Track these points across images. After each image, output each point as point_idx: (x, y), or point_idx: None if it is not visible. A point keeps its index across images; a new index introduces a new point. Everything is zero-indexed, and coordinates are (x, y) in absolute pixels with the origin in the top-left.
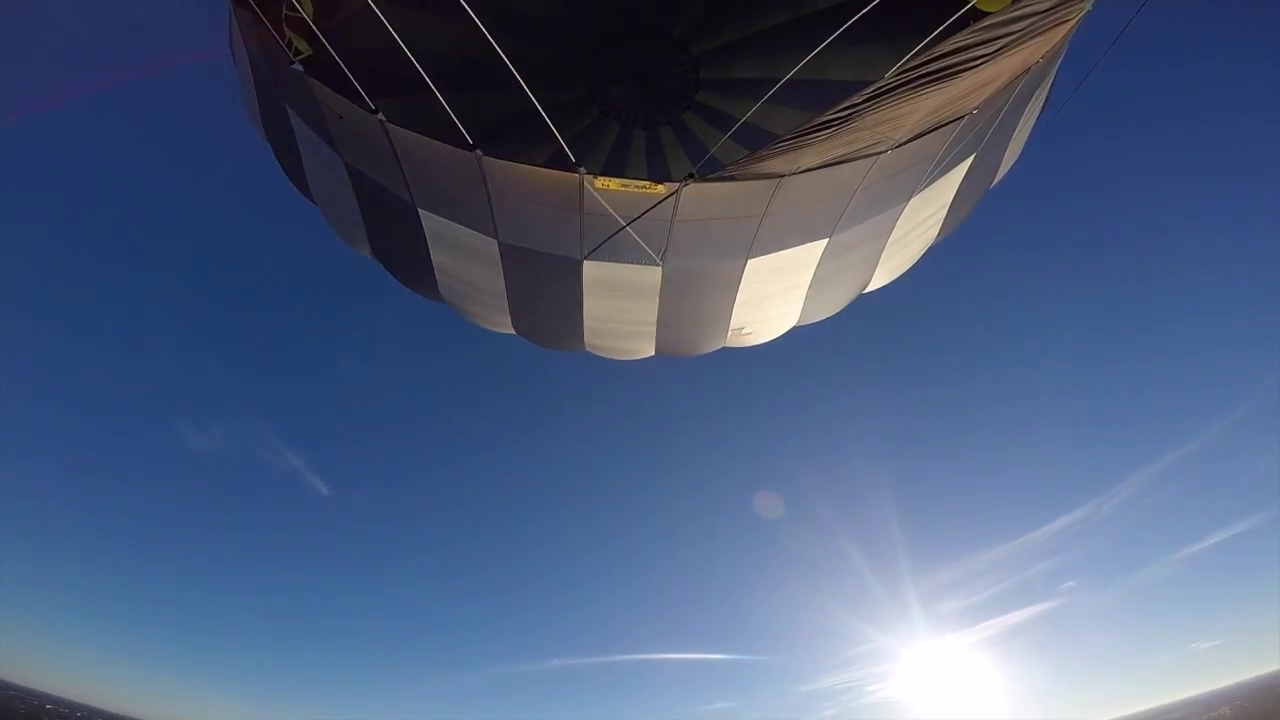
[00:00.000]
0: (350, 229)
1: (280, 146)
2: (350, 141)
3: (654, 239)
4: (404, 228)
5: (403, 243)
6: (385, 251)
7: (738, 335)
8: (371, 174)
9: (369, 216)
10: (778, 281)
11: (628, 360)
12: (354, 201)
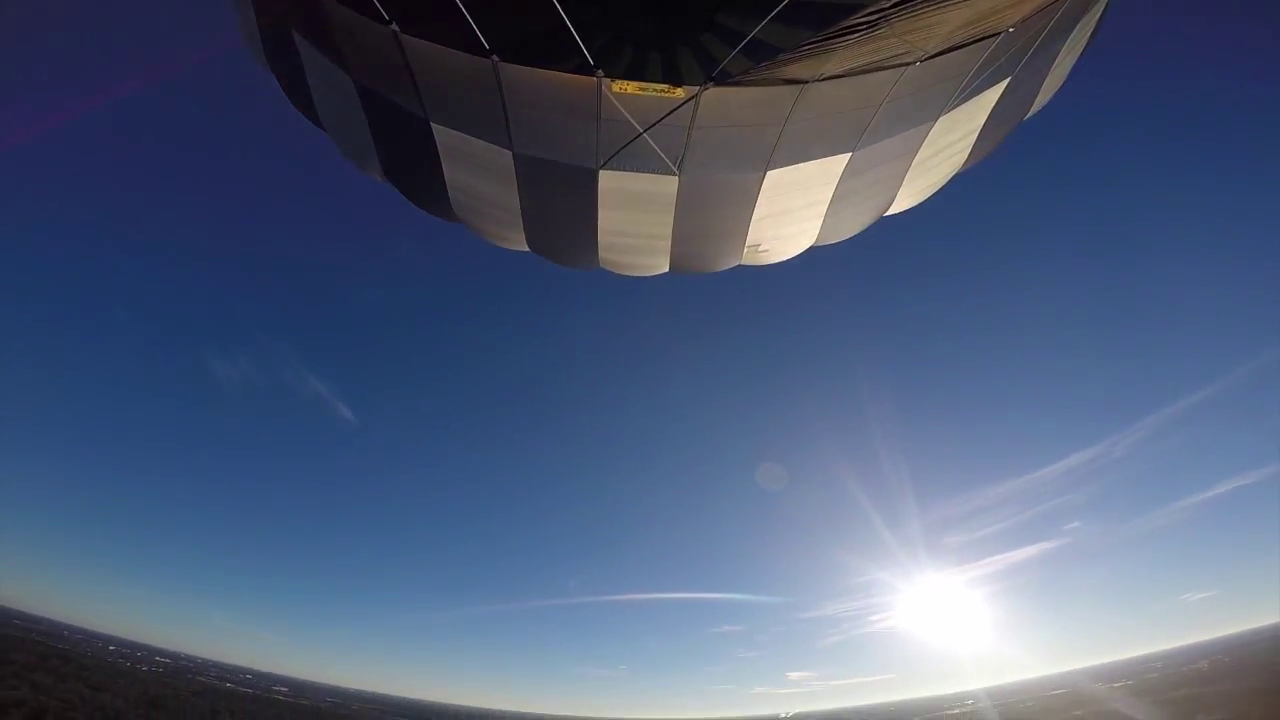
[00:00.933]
0: (361, 152)
1: (285, 74)
2: (361, 59)
3: (671, 147)
4: (416, 145)
5: (415, 161)
6: (397, 172)
7: (754, 253)
8: (383, 92)
9: (380, 137)
10: (797, 197)
11: (642, 276)
12: (365, 123)
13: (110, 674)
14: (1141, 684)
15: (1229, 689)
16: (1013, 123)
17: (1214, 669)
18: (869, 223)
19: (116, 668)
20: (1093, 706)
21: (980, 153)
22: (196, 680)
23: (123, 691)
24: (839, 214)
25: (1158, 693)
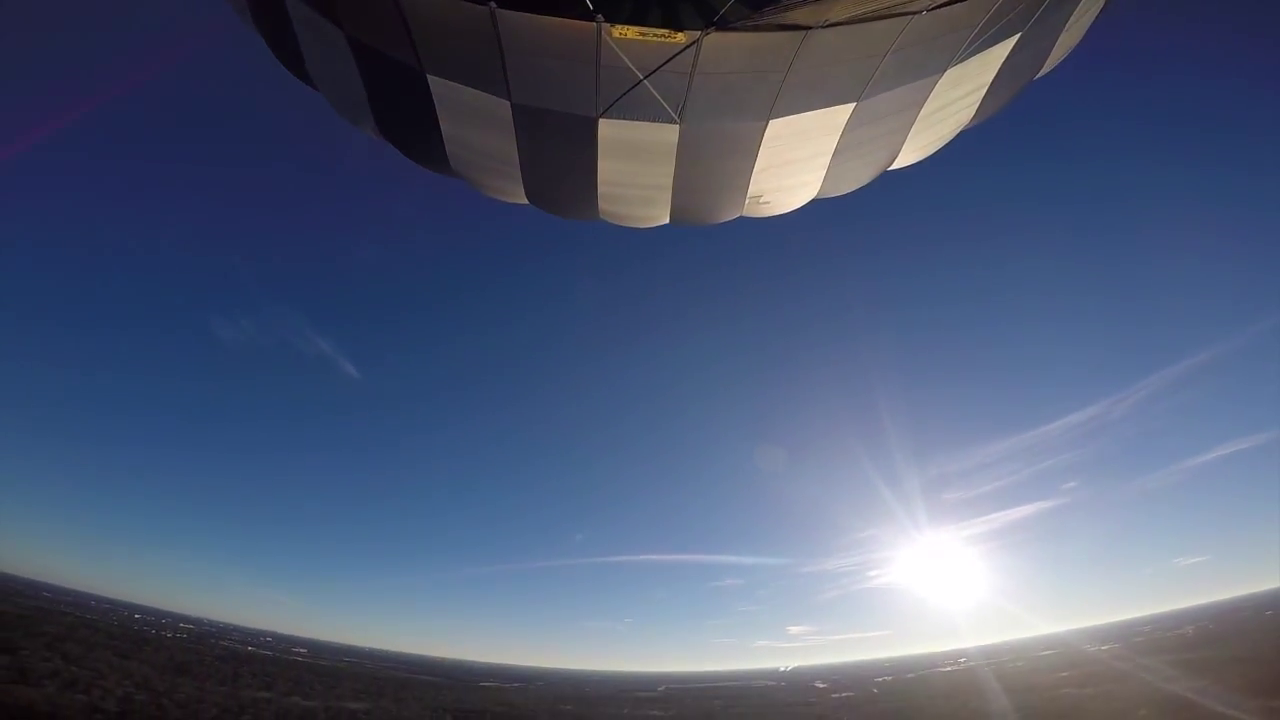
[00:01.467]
0: (355, 108)
1: (273, 31)
2: (353, 12)
3: (672, 94)
4: (411, 98)
5: (410, 115)
6: (392, 126)
7: (755, 204)
8: (376, 44)
9: (374, 91)
10: (800, 148)
11: (643, 228)
12: (358, 78)
13: (137, 642)
14: (1128, 647)
15: (1211, 656)
16: (1022, 81)
17: (1198, 635)
18: (873, 176)
19: (143, 636)
20: (1080, 668)
21: (988, 110)
22: (219, 645)
23: (149, 659)
24: (842, 166)
25: (1142, 656)
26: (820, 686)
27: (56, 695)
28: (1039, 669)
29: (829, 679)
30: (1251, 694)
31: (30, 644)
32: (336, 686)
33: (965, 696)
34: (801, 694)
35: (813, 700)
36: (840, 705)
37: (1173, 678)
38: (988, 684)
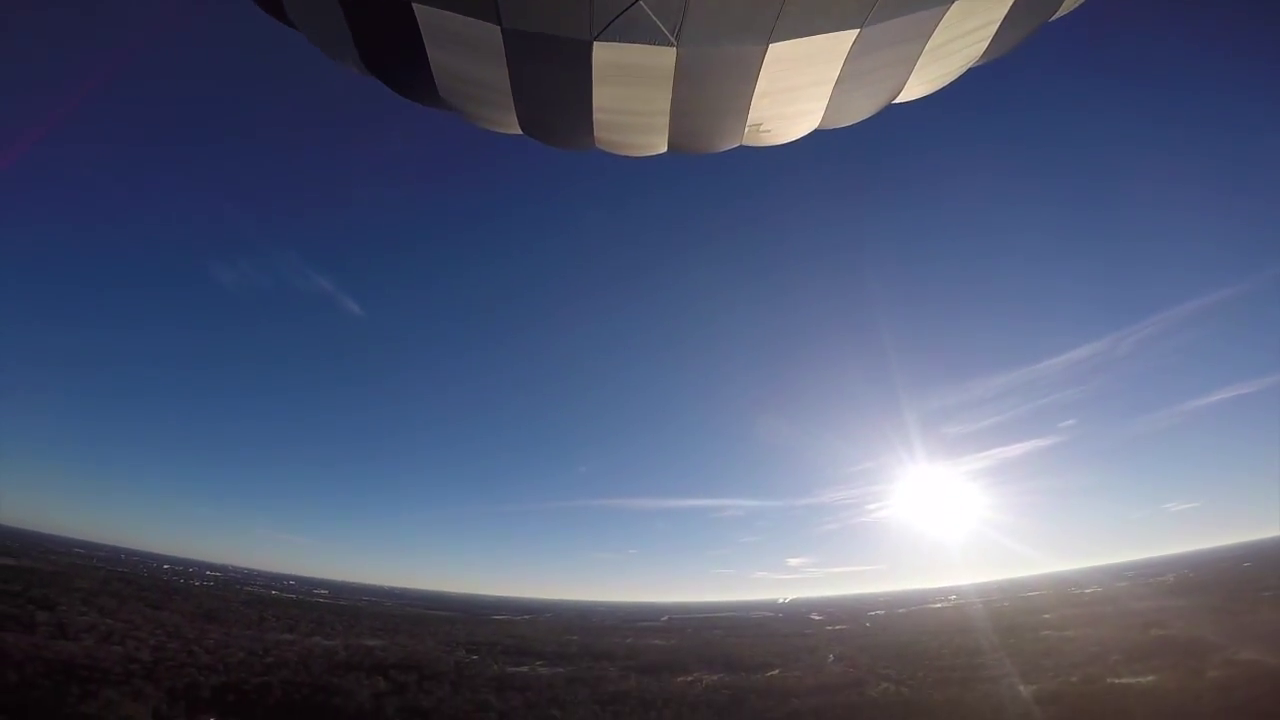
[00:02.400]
0: (337, 44)
1: None
2: None
3: (669, 14)
4: (396, 29)
5: (396, 47)
6: (377, 59)
7: (755, 132)
8: None
9: (357, 25)
10: (801, 74)
11: (641, 157)
12: (339, 11)
13: (167, 592)
14: (1109, 592)
15: (1187, 605)
16: (1036, 21)
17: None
18: (877, 108)
19: (172, 585)
20: (1063, 610)
21: (1000, 47)
22: (244, 590)
23: (179, 607)
24: (845, 96)
25: (1121, 601)
26: (816, 619)
27: (95, 648)
28: (1024, 609)
29: (825, 611)
30: (1218, 645)
31: (67, 599)
32: (356, 625)
33: (951, 634)
34: (798, 625)
35: (808, 632)
36: (833, 638)
37: (1148, 625)
38: (974, 622)
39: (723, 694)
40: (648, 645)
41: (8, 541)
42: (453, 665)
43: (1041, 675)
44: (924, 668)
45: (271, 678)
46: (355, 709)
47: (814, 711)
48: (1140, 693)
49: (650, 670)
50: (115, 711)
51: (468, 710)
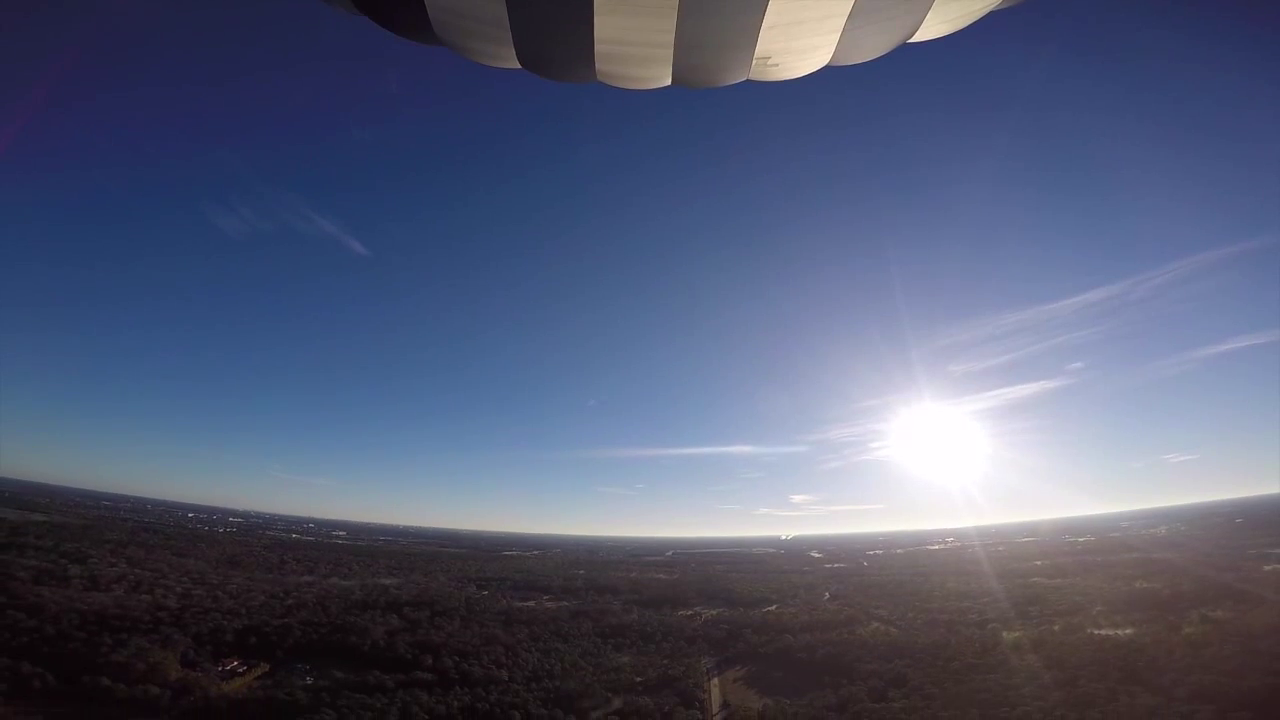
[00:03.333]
0: None
1: None
2: None
3: None
4: None
5: None
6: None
7: (763, 66)
8: None
9: None
10: (812, 7)
11: (643, 90)
12: None
13: (191, 540)
14: (1102, 541)
15: (1172, 558)
16: None
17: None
18: (891, 46)
19: (196, 533)
20: (1054, 558)
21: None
22: (266, 535)
23: (203, 554)
24: (858, 31)
25: (1111, 552)
26: (816, 556)
27: (125, 598)
28: (1018, 555)
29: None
30: (1198, 601)
31: (97, 551)
32: (372, 564)
33: (944, 576)
34: (798, 562)
35: (807, 569)
36: (831, 576)
37: (1134, 577)
38: (968, 565)
39: (720, 628)
40: (651, 580)
41: (38, 497)
42: (463, 601)
43: (1026, 622)
44: (914, 609)
45: (291, 619)
46: (370, 646)
47: (806, 648)
48: (1116, 645)
49: (652, 604)
50: (145, 659)
51: (476, 644)
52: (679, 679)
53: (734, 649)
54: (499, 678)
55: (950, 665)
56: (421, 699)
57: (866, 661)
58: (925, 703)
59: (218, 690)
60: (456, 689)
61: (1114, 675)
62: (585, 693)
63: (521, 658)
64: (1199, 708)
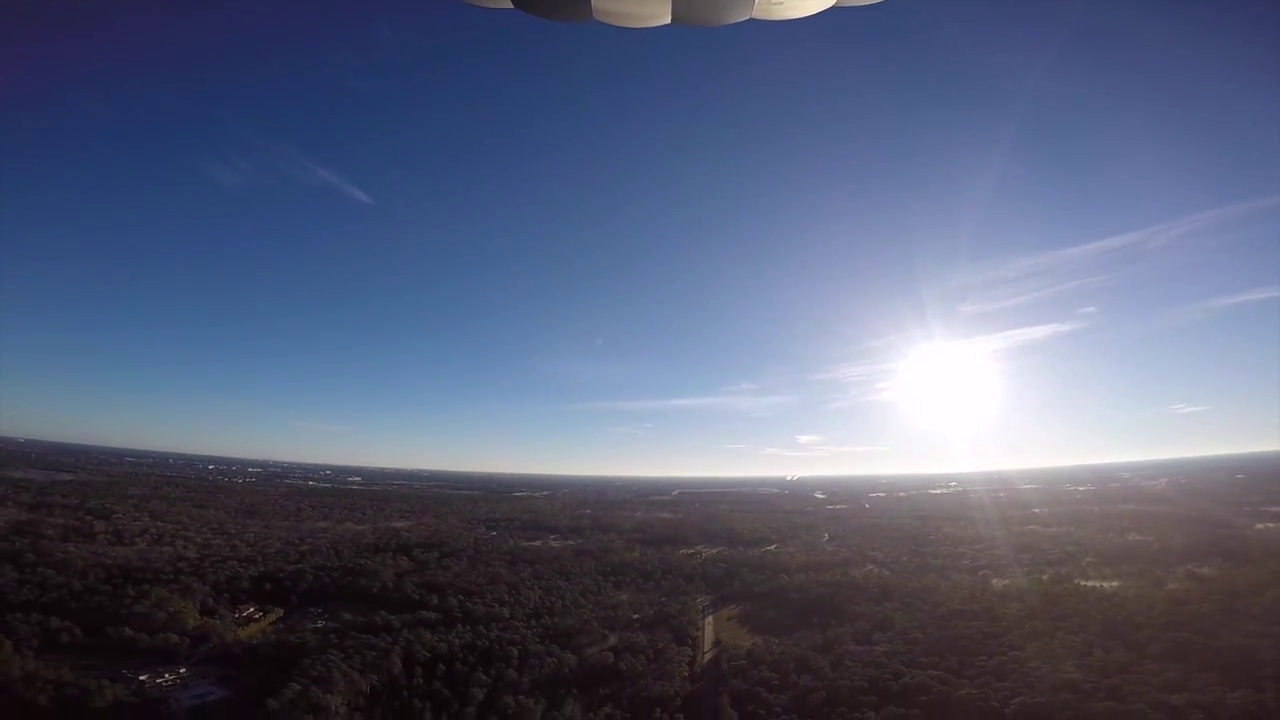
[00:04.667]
0: None
1: None
2: None
3: None
4: None
5: None
6: None
7: (767, 4)
8: None
9: None
10: None
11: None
12: None
13: (211, 491)
14: (1101, 491)
15: (1167, 512)
16: None
17: (1168, 489)
18: None
19: (216, 484)
20: (1053, 507)
21: None
22: (283, 484)
23: (222, 505)
24: None
25: (1109, 502)
26: (819, 497)
27: (147, 550)
28: (1018, 502)
29: (829, 491)
30: (1185, 557)
31: (121, 506)
32: (385, 508)
33: (942, 520)
34: (800, 503)
35: (809, 510)
36: (831, 517)
37: (1127, 529)
38: (967, 511)
39: (719, 567)
40: (655, 519)
41: (64, 457)
42: (471, 542)
43: (1015, 570)
44: (909, 552)
45: (305, 565)
46: (379, 588)
47: (799, 588)
48: (1100, 597)
49: (654, 542)
50: (165, 608)
51: (481, 583)
52: (674, 616)
53: (730, 588)
54: (500, 615)
55: (936, 611)
56: (425, 638)
57: (857, 603)
58: (907, 647)
59: (233, 636)
60: (459, 627)
61: (1093, 628)
62: (582, 629)
63: (524, 596)
64: (1169, 666)
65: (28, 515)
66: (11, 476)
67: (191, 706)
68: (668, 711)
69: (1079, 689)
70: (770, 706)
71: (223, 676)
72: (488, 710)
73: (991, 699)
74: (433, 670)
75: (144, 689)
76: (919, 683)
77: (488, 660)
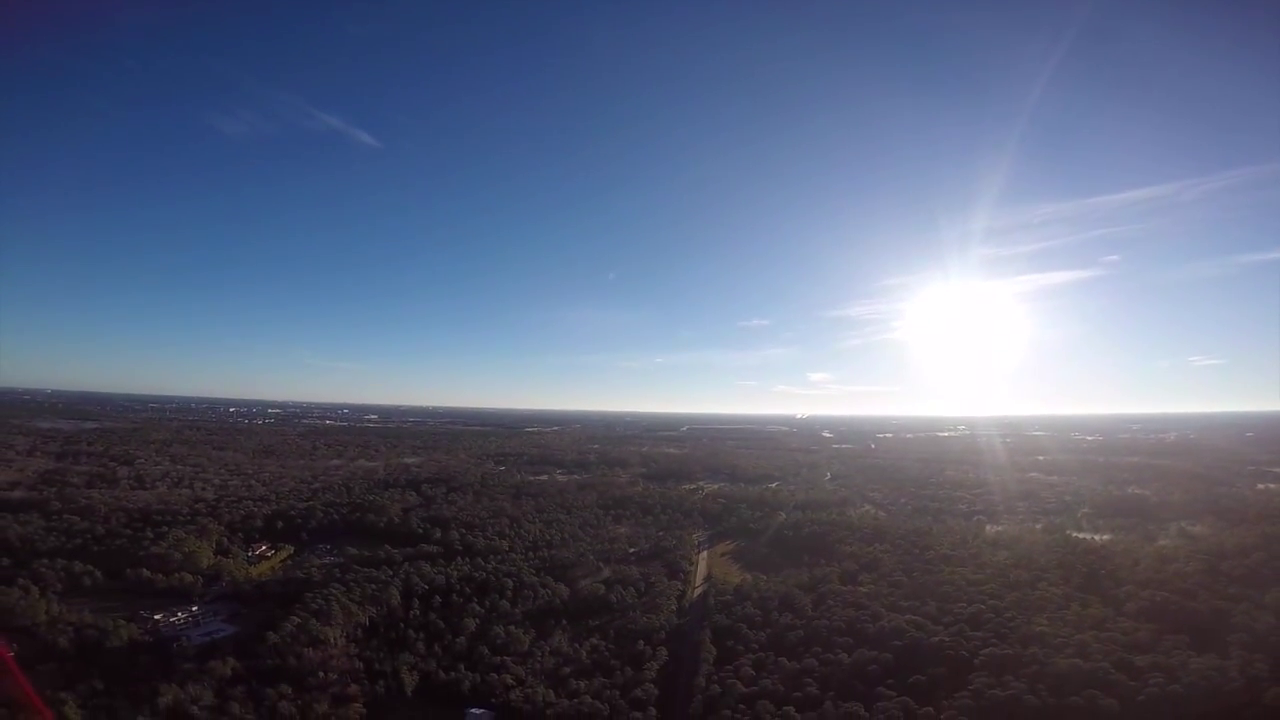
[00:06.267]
0: None
1: None
2: None
3: None
4: None
5: None
6: None
7: None
8: None
9: None
10: None
11: None
12: None
13: (231, 433)
14: (1109, 442)
15: (1171, 466)
16: None
17: (1176, 443)
18: None
19: (236, 426)
20: (1058, 455)
21: None
22: (301, 424)
23: (241, 446)
24: None
25: (1115, 454)
26: (827, 436)
27: (167, 494)
28: (1024, 448)
29: (837, 430)
30: (1180, 513)
31: (144, 452)
32: (398, 445)
33: (945, 464)
34: (807, 441)
35: (815, 449)
36: (836, 457)
37: (1127, 481)
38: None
39: (718, 502)
40: (661, 454)
41: (90, 406)
42: (479, 476)
43: (1011, 517)
44: (908, 494)
45: (316, 502)
46: (386, 523)
47: (794, 525)
48: (1088, 549)
49: (657, 477)
50: (180, 548)
51: (484, 517)
52: (670, 551)
53: (728, 523)
54: (499, 548)
55: (925, 554)
56: (424, 570)
57: (848, 543)
58: (890, 589)
59: (244, 575)
60: (458, 560)
61: (1076, 580)
62: (578, 562)
63: (524, 529)
64: (1142, 625)
65: (55, 464)
66: (40, 427)
67: (200, 644)
68: (651, 644)
69: (1048, 643)
70: (749, 643)
71: (233, 614)
72: (478, 640)
73: (962, 648)
74: (429, 602)
75: (158, 628)
76: (895, 627)
77: (483, 592)
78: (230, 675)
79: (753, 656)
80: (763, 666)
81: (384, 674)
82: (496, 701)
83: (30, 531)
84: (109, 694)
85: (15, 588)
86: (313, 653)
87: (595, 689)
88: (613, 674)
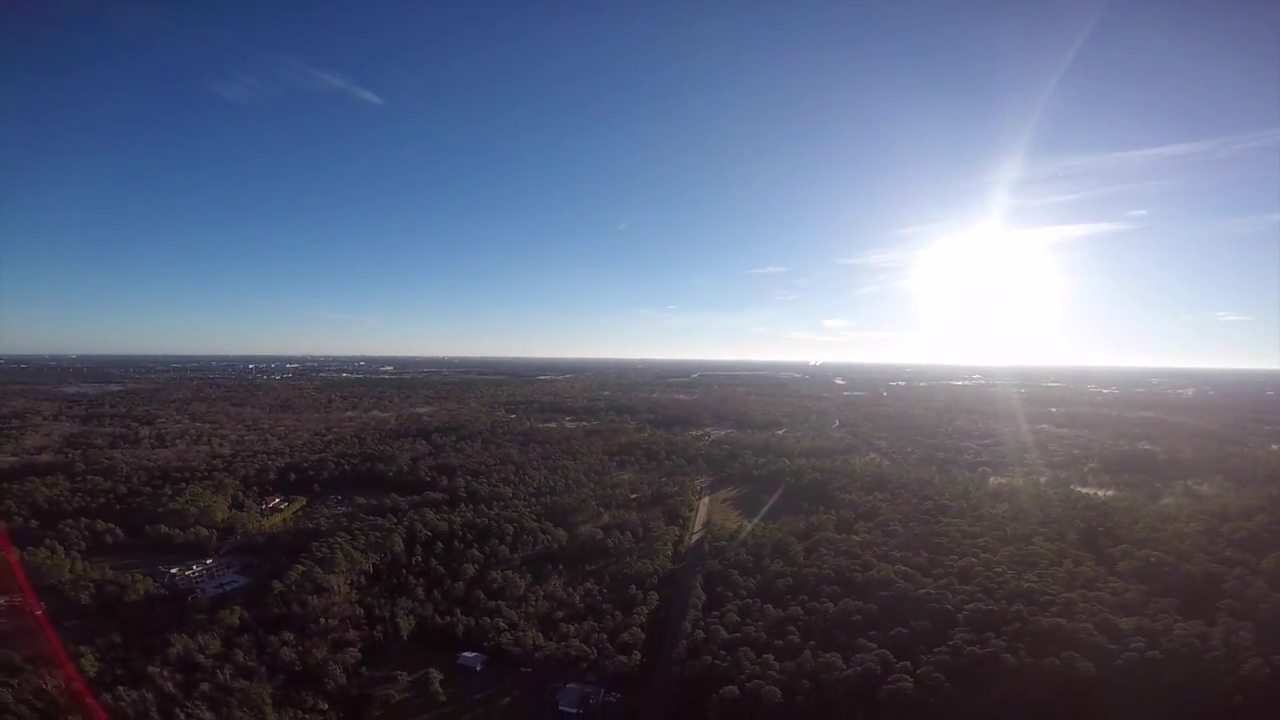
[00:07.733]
0: None
1: None
2: None
3: None
4: None
5: None
6: None
7: None
8: None
9: None
10: None
11: None
12: None
13: (250, 389)
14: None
15: (1185, 423)
16: None
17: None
18: None
19: (254, 383)
20: (1072, 408)
21: None
22: (318, 377)
23: (259, 402)
24: None
25: (1129, 408)
26: (839, 383)
27: (185, 451)
28: (1038, 399)
29: (849, 378)
30: (1189, 471)
31: (165, 411)
32: (411, 396)
33: (956, 413)
34: (817, 388)
35: (825, 395)
36: (846, 404)
37: (1139, 437)
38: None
39: (723, 448)
40: (671, 401)
41: (113, 369)
42: (489, 425)
43: (1015, 470)
44: (914, 443)
45: (328, 454)
46: (395, 472)
47: (795, 472)
48: (1090, 505)
49: (664, 424)
50: (196, 503)
51: (490, 464)
52: (671, 496)
53: (731, 469)
54: (503, 494)
55: (924, 505)
56: (428, 517)
57: (849, 491)
58: (884, 538)
59: (256, 527)
60: (462, 506)
61: (1072, 537)
62: (579, 508)
63: (529, 475)
64: (1132, 586)
65: (80, 428)
66: (65, 393)
67: (213, 596)
68: (644, 589)
69: (1035, 600)
70: (738, 589)
71: (245, 565)
72: (475, 585)
73: (948, 601)
74: (431, 548)
75: (174, 582)
76: (884, 577)
77: (484, 537)
78: (238, 624)
79: (740, 603)
80: (748, 613)
81: (382, 619)
82: (488, 645)
83: (56, 494)
84: (125, 646)
85: (42, 548)
86: (316, 600)
87: (584, 632)
88: (603, 618)
